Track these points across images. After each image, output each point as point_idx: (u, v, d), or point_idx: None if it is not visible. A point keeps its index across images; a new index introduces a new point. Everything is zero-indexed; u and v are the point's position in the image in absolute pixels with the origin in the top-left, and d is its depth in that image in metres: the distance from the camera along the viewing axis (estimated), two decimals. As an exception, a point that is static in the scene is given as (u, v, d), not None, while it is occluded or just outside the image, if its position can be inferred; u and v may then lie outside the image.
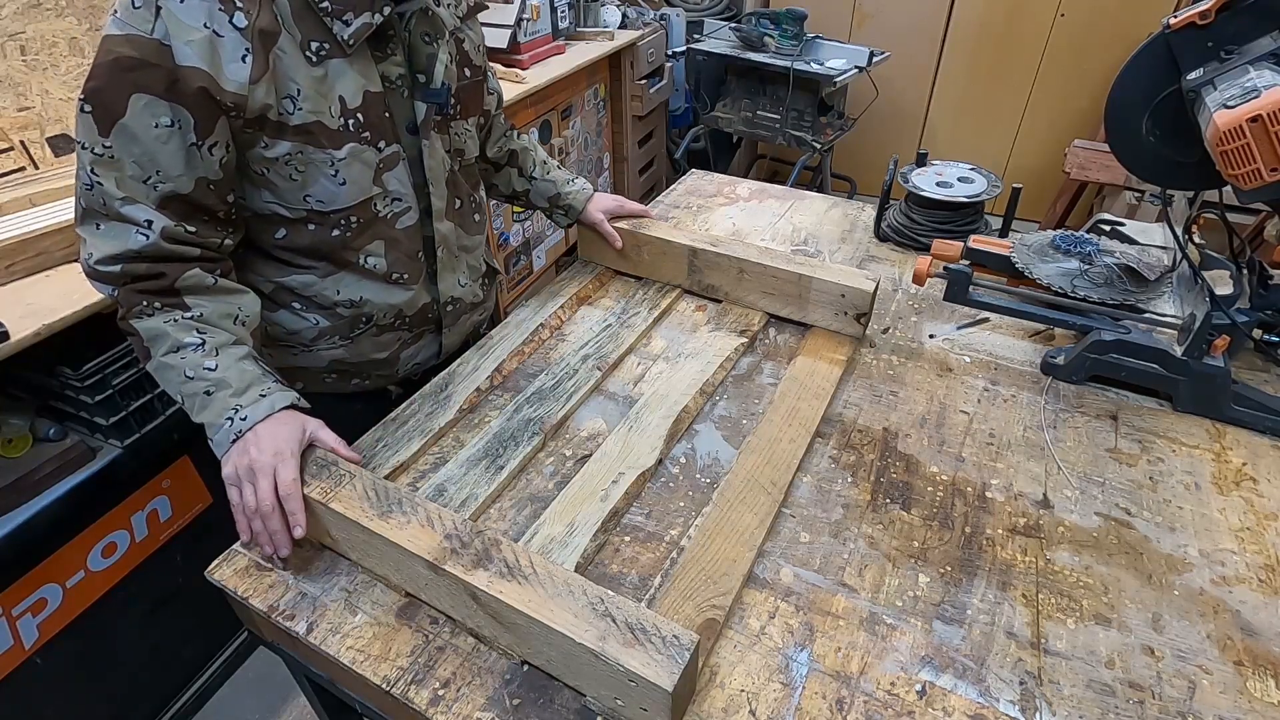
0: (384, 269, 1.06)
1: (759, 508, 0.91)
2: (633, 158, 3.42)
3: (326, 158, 0.93)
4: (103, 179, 0.84)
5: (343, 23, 0.89)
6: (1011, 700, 0.73)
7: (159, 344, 0.88)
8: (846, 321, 1.22)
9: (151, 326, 0.88)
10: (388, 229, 1.04)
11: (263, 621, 0.85)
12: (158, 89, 0.81)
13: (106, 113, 0.81)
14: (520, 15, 2.58)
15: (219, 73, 0.82)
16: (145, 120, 0.82)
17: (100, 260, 0.87)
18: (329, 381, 1.15)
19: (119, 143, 0.82)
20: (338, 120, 0.93)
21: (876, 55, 3.19)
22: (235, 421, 0.87)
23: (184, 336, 0.88)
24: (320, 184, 0.95)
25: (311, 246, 1.00)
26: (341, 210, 0.98)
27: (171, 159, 0.84)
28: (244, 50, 0.83)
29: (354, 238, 1.01)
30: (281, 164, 0.92)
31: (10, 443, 1.33)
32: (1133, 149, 1.05)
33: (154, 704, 1.65)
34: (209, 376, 0.88)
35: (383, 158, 0.99)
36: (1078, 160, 2.63)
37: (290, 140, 0.90)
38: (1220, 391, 1.05)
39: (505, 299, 2.80)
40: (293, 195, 0.95)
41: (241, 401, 0.88)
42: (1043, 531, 0.91)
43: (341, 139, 0.93)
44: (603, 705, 0.71)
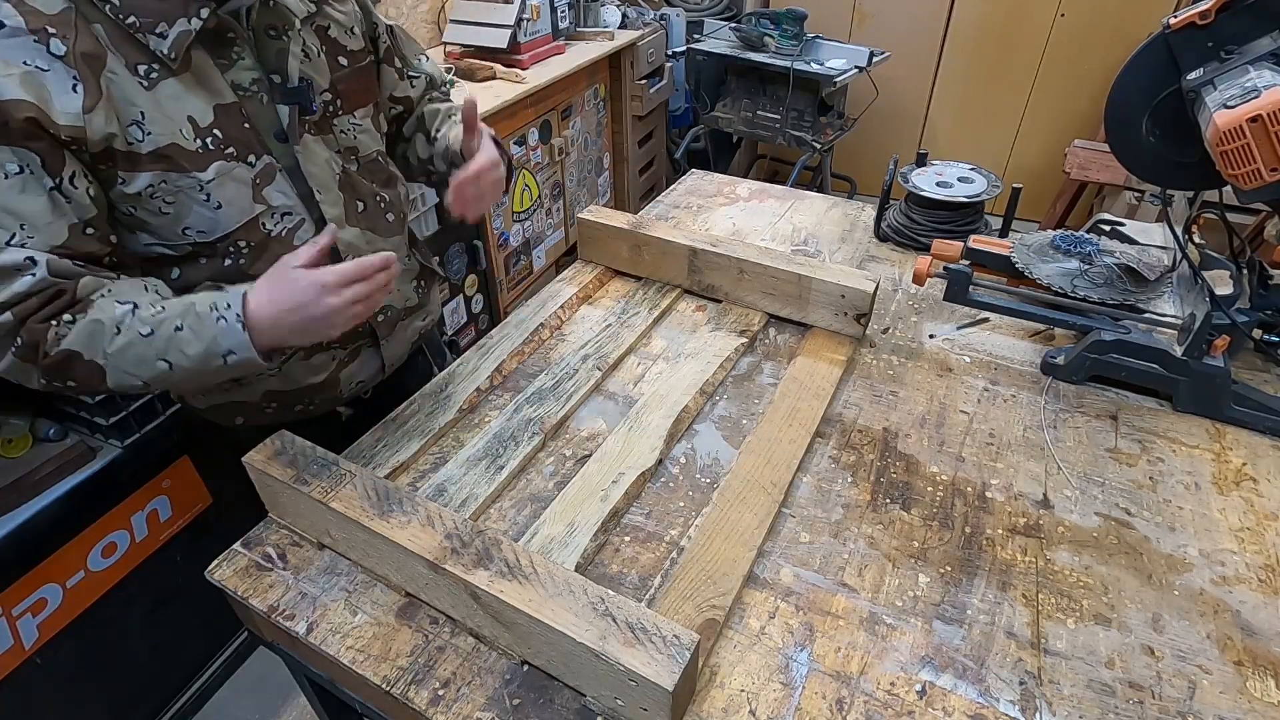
0: None
1: (759, 508, 0.91)
2: (633, 158, 3.42)
3: (193, 182, 0.85)
4: None
5: (158, 36, 0.80)
6: (1011, 700, 0.73)
7: (98, 339, 0.79)
8: (846, 322, 1.22)
9: (80, 331, 0.78)
10: (284, 247, 0.92)
11: (263, 621, 0.85)
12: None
13: None
14: (520, 15, 2.58)
15: (48, 105, 0.74)
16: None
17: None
18: (269, 412, 1.07)
19: None
20: (194, 141, 0.84)
21: (876, 55, 3.18)
22: (230, 318, 0.79)
23: (113, 312, 0.79)
24: (195, 212, 0.86)
25: (211, 281, 0.91)
26: (226, 236, 0.90)
27: (33, 207, 0.75)
28: (71, 79, 0.75)
29: (250, 264, 0.92)
30: (147, 198, 0.83)
31: (10, 443, 1.33)
32: (1133, 149, 1.05)
33: (154, 704, 1.65)
34: (164, 316, 0.80)
35: (256, 173, 0.90)
36: (1078, 160, 2.63)
37: (148, 170, 0.82)
38: (1220, 391, 1.05)
39: (505, 299, 2.80)
40: (169, 230, 0.87)
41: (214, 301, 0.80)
42: (1043, 531, 0.91)
43: (204, 160, 0.85)
44: (603, 705, 0.71)
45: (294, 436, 0.91)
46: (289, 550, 0.90)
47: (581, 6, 3.06)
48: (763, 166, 4.33)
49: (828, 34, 3.37)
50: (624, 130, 3.31)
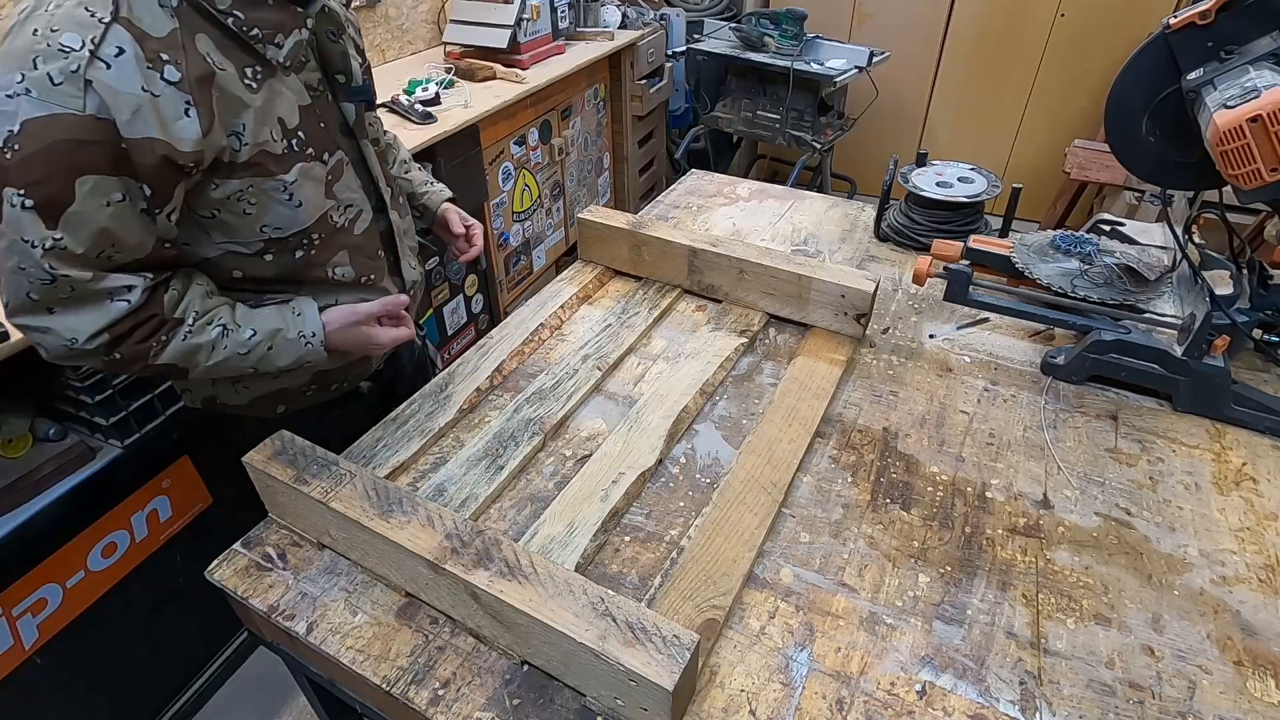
0: (353, 276, 1.05)
1: (759, 508, 0.91)
2: (633, 158, 3.42)
3: (278, 184, 0.90)
4: (66, 269, 0.78)
5: (275, 46, 0.87)
6: (1011, 700, 0.73)
7: (196, 356, 0.90)
8: (846, 322, 1.22)
9: (175, 352, 0.88)
10: (348, 237, 1.03)
11: (263, 621, 0.85)
12: (104, 167, 0.76)
13: (52, 203, 0.75)
14: (520, 15, 2.58)
15: (173, 136, 0.78)
16: (95, 201, 0.77)
17: (87, 339, 0.82)
18: (309, 395, 1.13)
19: (70, 230, 0.76)
20: (281, 144, 0.90)
21: (876, 55, 3.18)
22: (313, 341, 0.96)
23: (208, 335, 0.90)
24: (275, 211, 0.92)
25: (276, 275, 0.98)
26: (300, 232, 0.96)
27: (127, 231, 0.80)
28: (185, 104, 0.79)
29: (318, 254, 1.00)
30: (233, 201, 0.88)
31: (10, 443, 1.33)
32: (1133, 149, 1.05)
33: (154, 704, 1.65)
34: (256, 340, 0.93)
35: (329, 169, 0.97)
36: (1078, 160, 2.63)
37: (239, 177, 0.87)
38: (1220, 391, 1.05)
39: (505, 299, 2.80)
40: (247, 229, 0.92)
41: (300, 329, 0.96)
42: (1043, 531, 0.91)
43: (288, 162, 0.91)
44: (603, 705, 0.71)
45: (294, 436, 0.91)
46: (289, 550, 0.90)
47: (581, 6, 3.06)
48: (763, 166, 4.33)
49: (828, 34, 3.37)
50: (624, 130, 3.31)
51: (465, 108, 2.29)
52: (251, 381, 1.07)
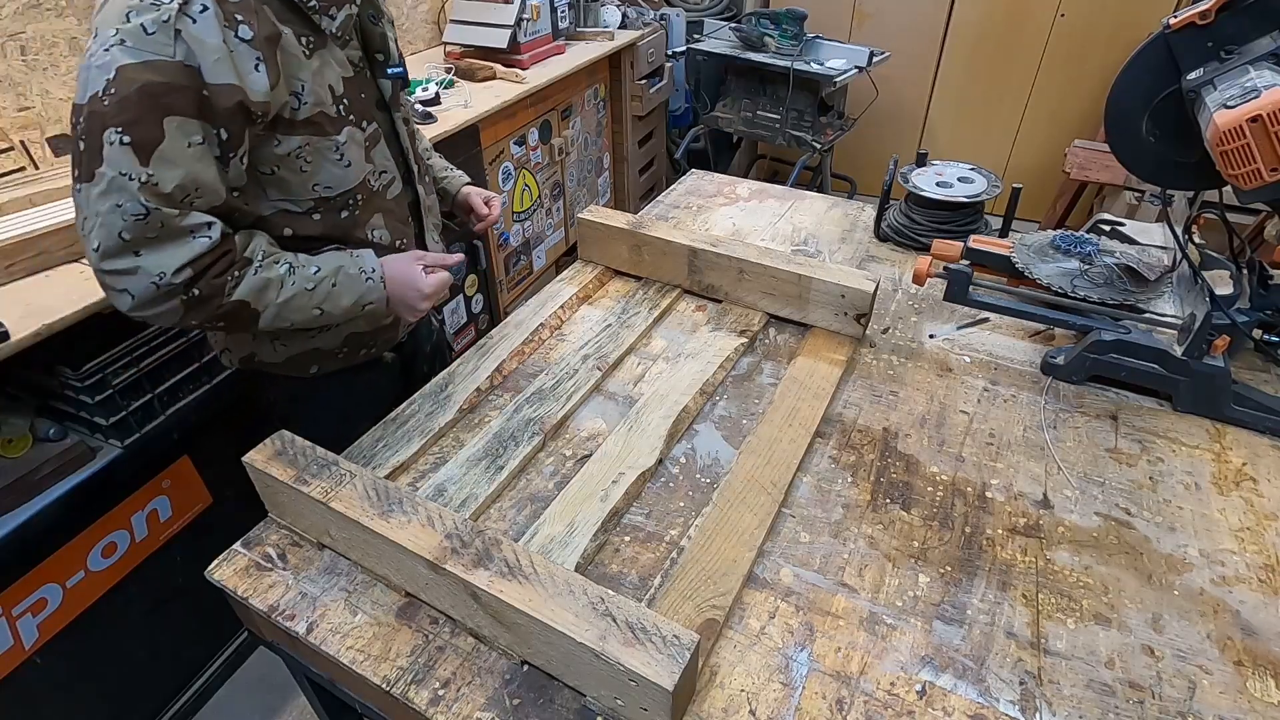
0: (388, 239, 1.14)
1: (759, 508, 0.91)
2: (633, 158, 3.42)
3: (331, 144, 1.00)
4: (158, 204, 0.85)
5: (329, 17, 0.96)
6: (1011, 700, 0.73)
7: (266, 293, 0.96)
8: (846, 322, 1.22)
9: (249, 287, 0.94)
10: (383, 201, 1.12)
11: (263, 621, 0.85)
12: (189, 110, 0.84)
13: (145, 141, 0.82)
14: (520, 15, 2.58)
15: (247, 84, 0.87)
16: (181, 141, 0.84)
17: (174, 272, 0.88)
18: (341, 357, 1.20)
19: (159, 168, 0.84)
20: (334, 107, 0.99)
21: (876, 55, 3.18)
22: (374, 277, 1.04)
23: (277, 271, 0.97)
24: (327, 170, 1.01)
25: (323, 234, 1.06)
26: (347, 191, 1.05)
27: (207, 174, 0.88)
28: (255, 60, 0.87)
29: (360, 215, 1.09)
30: (292, 158, 0.97)
31: (10, 443, 1.33)
32: (1133, 149, 1.05)
33: (154, 704, 1.65)
34: (322, 275, 1.00)
35: (367, 136, 1.06)
36: (1078, 160, 2.63)
37: (299, 134, 0.96)
38: (1220, 391, 1.05)
39: (505, 299, 2.79)
40: (301, 187, 1.00)
41: (360, 265, 1.03)
42: (1043, 531, 0.91)
43: (340, 124, 1.00)
44: (603, 705, 0.71)
45: (294, 436, 0.91)
46: (289, 550, 0.90)
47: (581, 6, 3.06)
48: (763, 166, 4.33)
49: (828, 34, 3.37)
50: (624, 130, 3.31)
51: (465, 108, 2.29)
52: (290, 339, 1.14)
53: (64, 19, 1.65)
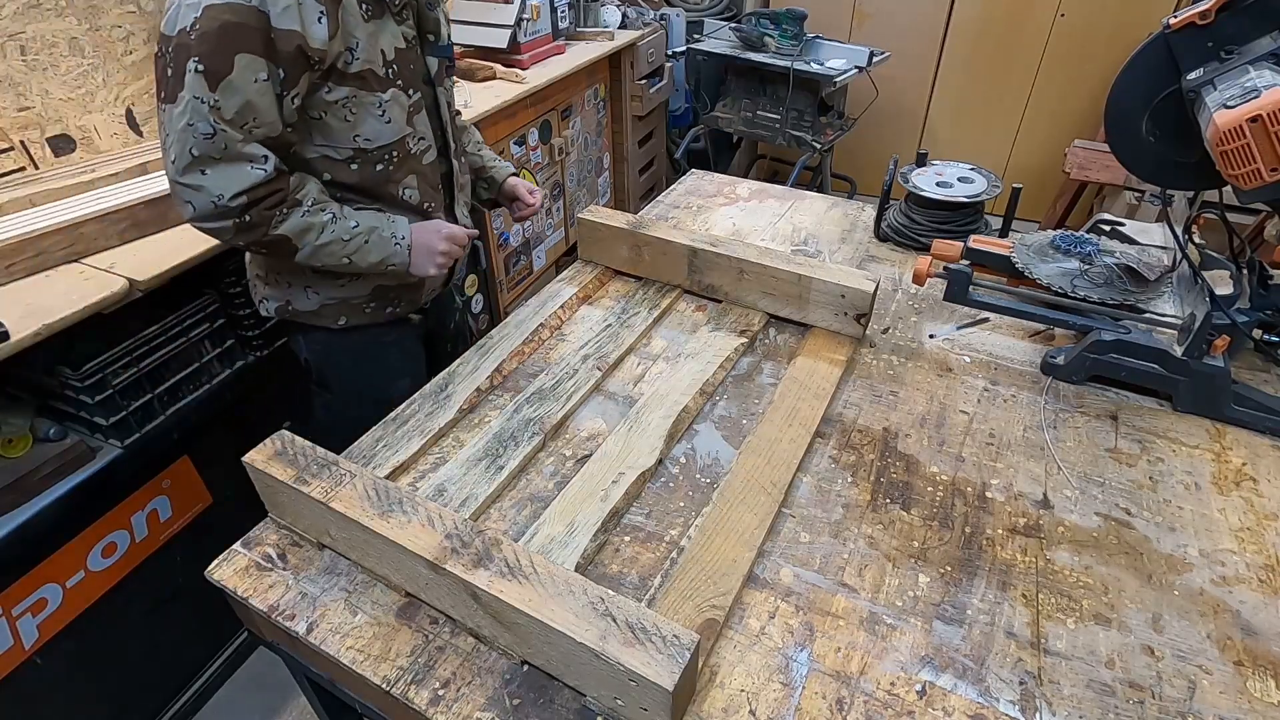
0: (418, 200, 1.26)
1: (759, 508, 0.91)
2: (633, 158, 3.42)
3: (375, 100, 1.12)
4: (224, 126, 0.99)
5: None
6: (1011, 700, 0.73)
7: (308, 234, 1.10)
8: (846, 322, 1.22)
9: (293, 225, 1.09)
10: (418, 164, 1.24)
11: (263, 621, 0.85)
12: (257, 48, 0.97)
13: (216, 71, 0.96)
14: (520, 15, 2.58)
15: (308, 32, 1.00)
16: (247, 76, 0.98)
17: (231, 197, 1.02)
18: (368, 311, 1.31)
19: (225, 96, 0.98)
20: (383, 69, 1.12)
21: (876, 55, 3.18)
22: (401, 245, 1.19)
23: (320, 218, 1.11)
24: (368, 123, 1.13)
25: (358, 184, 1.18)
26: (384, 146, 1.17)
27: (267, 107, 1.02)
28: (320, 12, 1.01)
29: (394, 172, 1.21)
30: (339, 106, 1.10)
31: (10, 443, 1.33)
32: (1133, 149, 1.05)
33: (154, 704, 1.65)
34: (358, 231, 1.15)
35: (411, 103, 1.19)
36: (1078, 160, 2.63)
37: (348, 86, 1.09)
38: (1220, 391, 1.05)
39: (505, 299, 2.79)
40: (343, 135, 1.13)
41: (393, 230, 1.18)
42: (1043, 531, 0.91)
43: (386, 84, 1.13)
44: (603, 705, 0.71)
45: (294, 436, 0.91)
46: (289, 550, 0.90)
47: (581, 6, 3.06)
48: (763, 166, 4.33)
49: (828, 34, 3.37)
50: (624, 130, 3.31)
51: (465, 108, 2.29)
52: (321, 286, 1.26)
53: (64, 19, 1.65)
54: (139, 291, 1.33)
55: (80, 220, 1.38)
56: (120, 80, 1.78)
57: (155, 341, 1.45)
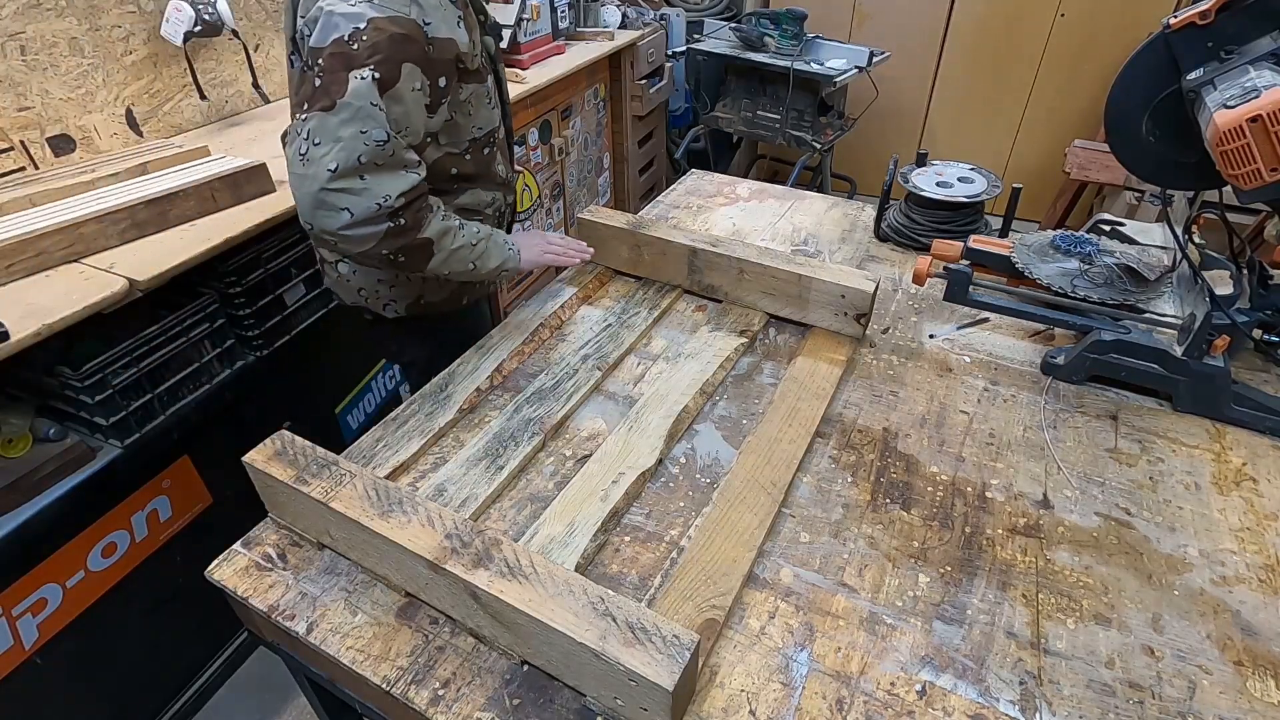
0: (505, 174, 1.35)
1: (759, 508, 0.91)
2: (633, 158, 3.42)
3: (485, 89, 1.19)
4: (392, 133, 1.01)
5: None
6: (1011, 700, 0.73)
7: (446, 237, 1.12)
8: (846, 322, 1.22)
9: (437, 228, 1.11)
10: (500, 140, 1.31)
11: (263, 621, 0.85)
12: (419, 59, 1.01)
13: (386, 80, 0.99)
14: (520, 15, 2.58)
15: (458, 39, 1.06)
16: (408, 85, 1.01)
17: (396, 197, 1.03)
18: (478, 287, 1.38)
19: (390, 104, 1.00)
20: (481, 57, 1.17)
21: (876, 55, 3.18)
22: (512, 249, 1.23)
23: (452, 222, 1.14)
24: (482, 113, 1.20)
25: (474, 171, 1.25)
26: (490, 131, 1.24)
27: (418, 117, 1.05)
28: (457, 17, 1.07)
29: (494, 153, 1.28)
30: (467, 103, 1.15)
31: (10, 443, 1.33)
32: (1133, 149, 1.05)
33: (154, 704, 1.65)
34: (480, 237, 1.18)
35: (488, 85, 1.23)
36: (1078, 160, 2.63)
37: (472, 81, 1.15)
38: (1220, 391, 1.05)
39: (505, 299, 2.79)
40: (466, 129, 1.19)
41: (500, 237, 1.22)
42: (1043, 531, 0.91)
43: (486, 73, 1.19)
44: (603, 705, 0.71)
45: (294, 436, 0.91)
46: (289, 550, 0.90)
47: (581, 6, 3.05)
48: (763, 166, 4.32)
49: (828, 34, 3.37)
50: (624, 130, 3.31)
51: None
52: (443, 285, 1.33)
53: (64, 19, 1.65)
54: (139, 291, 1.33)
55: (80, 220, 1.38)
56: (120, 80, 1.78)
57: (155, 341, 1.45)
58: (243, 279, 1.60)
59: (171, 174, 1.58)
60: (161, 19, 1.78)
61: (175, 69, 1.90)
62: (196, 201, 1.53)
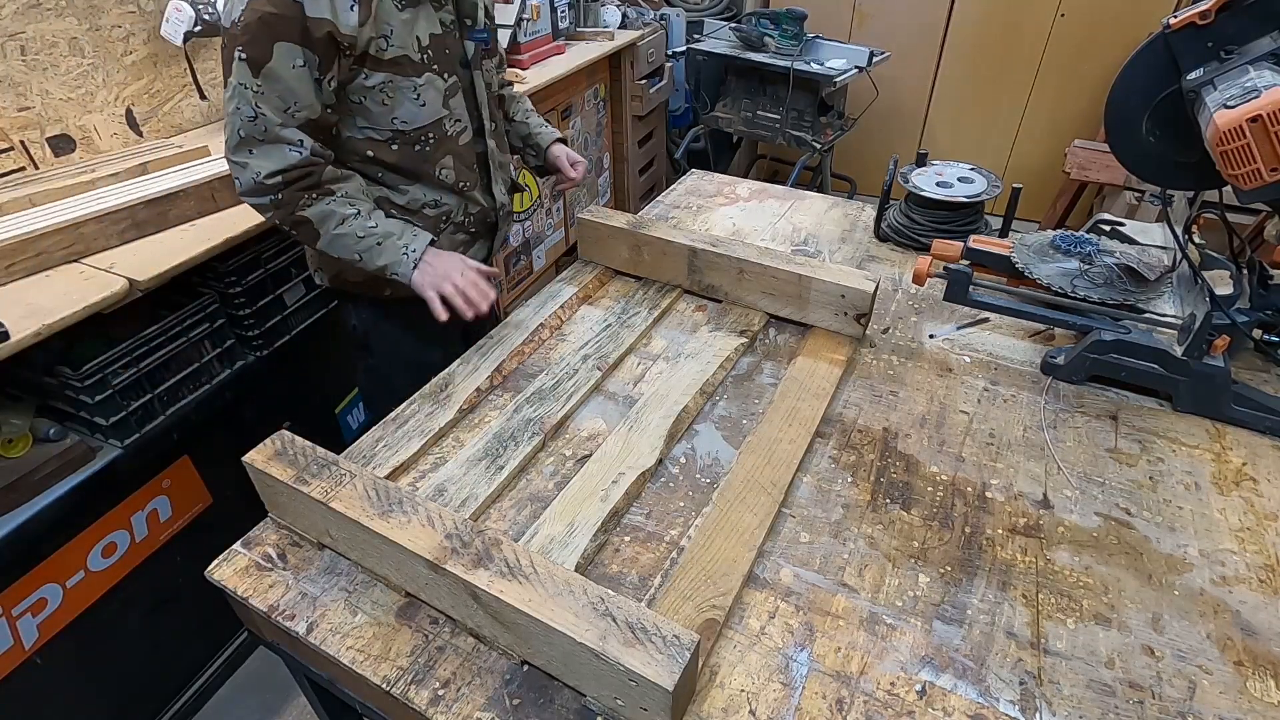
0: (453, 180, 1.30)
1: (759, 508, 0.91)
2: (633, 158, 3.42)
3: (410, 84, 1.18)
4: (265, 110, 1.07)
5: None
6: (1011, 700, 0.73)
7: (328, 221, 1.15)
8: (846, 322, 1.22)
9: (318, 211, 1.15)
10: (454, 145, 1.29)
11: (263, 621, 0.85)
12: (294, 36, 1.04)
13: (257, 59, 1.04)
14: (520, 15, 2.58)
15: (338, 19, 1.05)
16: (285, 62, 1.05)
17: (266, 175, 1.10)
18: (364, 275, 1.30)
19: (267, 82, 1.05)
20: (419, 54, 1.17)
21: (876, 55, 3.18)
22: (409, 255, 1.18)
23: (344, 209, 1.16)
24: (405, 107, 1.19)
25: (398, 163, 1.24)
26: (421, 128, 1.22)
27: (305, 91, 1.08)
28: (352, 2, 1.06)
29: (432, 152, 1.26)
30: (376, 91, 1.15)
31: (10, 443, 1.33)
32: (1133, 149, 1.05)
33: (154, 704, 1.65)
34: (375, 232, 1.17)
35: (448, 86, 1.24)
36: (1078, 160, 2.63)
37: (384, 71, 1.14)
38: (1220, 391, 1.05)
39: (505, 299, 2.79)
40: (383, 118, 1.19)
41: (405, 241, 1.19)
42: (1043, 531, 0.91)
43: (421, 69, 1.18)
44: (603, 705, 0.71)
45: (294, 436, 0.91)
46: (289, 550, 0.90)
47: (581, 6, 3.05)
48: (763, 166, 4.33)
49: (828, 34, 3.37)
50: (624, 130, 3.31)
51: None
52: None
53: (64, 19, 1.65)
54: (139, 291, 1.33)
55: (80, 220, 1.38)
56: (120, 80, 1.78)
57: (155, 341, 1.45)
58: (243, 279, 1.60)
59: (171, 174, 1.59)
60: (161, 19, 1.79)
61: (175, 69, 1.90)
62: (196, 201, 1.53)
